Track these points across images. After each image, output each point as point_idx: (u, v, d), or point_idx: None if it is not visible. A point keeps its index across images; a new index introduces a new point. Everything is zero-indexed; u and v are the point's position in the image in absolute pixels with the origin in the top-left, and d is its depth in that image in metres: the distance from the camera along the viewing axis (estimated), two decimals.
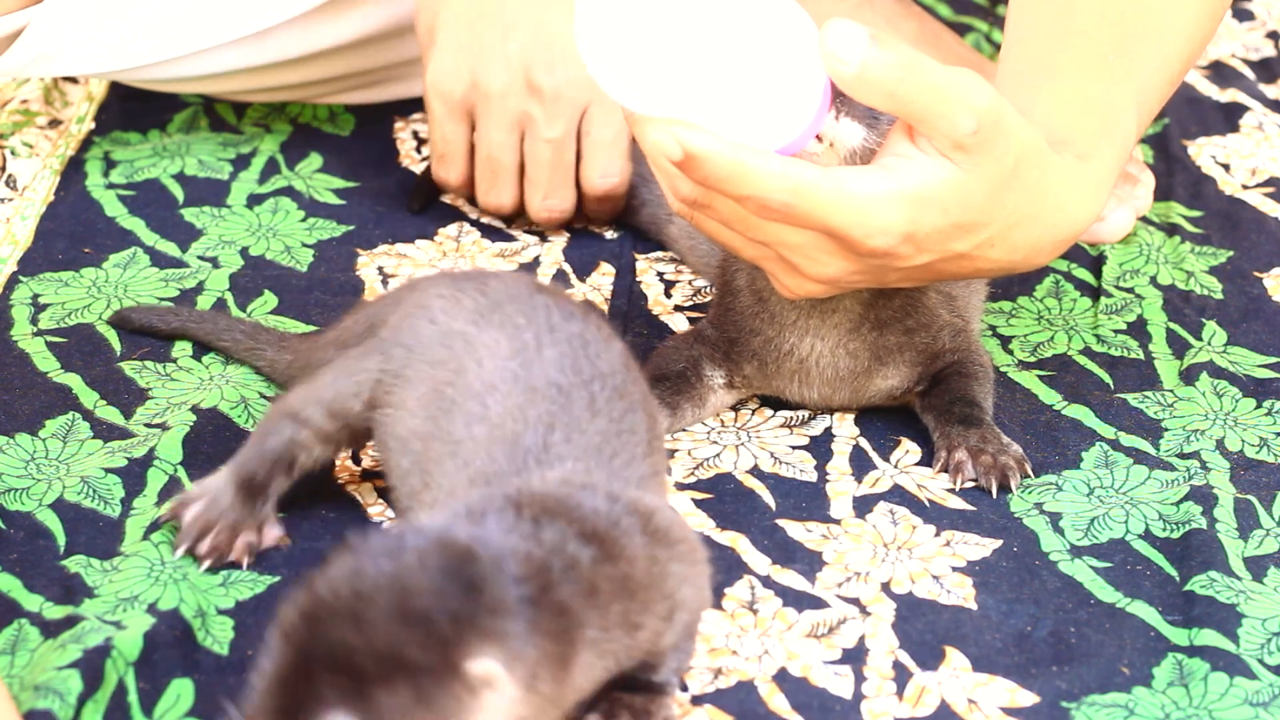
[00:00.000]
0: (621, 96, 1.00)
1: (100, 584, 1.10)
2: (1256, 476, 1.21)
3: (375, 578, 0.89)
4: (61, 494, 1.17)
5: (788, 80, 1.01)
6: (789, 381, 1.23)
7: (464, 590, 0.89)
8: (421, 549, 0.90)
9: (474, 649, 0.88)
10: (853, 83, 1.00)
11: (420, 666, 0.87)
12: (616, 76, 0.99)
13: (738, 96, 1.00)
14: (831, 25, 0.99)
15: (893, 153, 1.05)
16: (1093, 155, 1.12)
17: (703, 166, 1.00)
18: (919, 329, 1.22)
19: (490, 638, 0.89)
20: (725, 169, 1.00)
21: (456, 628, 0.88)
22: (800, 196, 1.02)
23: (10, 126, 1.57)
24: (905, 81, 1.00)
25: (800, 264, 1.08)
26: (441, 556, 0.90)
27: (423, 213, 1.48)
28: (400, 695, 0.87)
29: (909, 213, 1.04)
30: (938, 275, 1.11)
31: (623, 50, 0.99)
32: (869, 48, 0.99)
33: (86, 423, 1.23)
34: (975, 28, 1.77)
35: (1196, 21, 1.21)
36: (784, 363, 1.22)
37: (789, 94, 1.01)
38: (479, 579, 0.90)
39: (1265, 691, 1.05)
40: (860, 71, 0.99)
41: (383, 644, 0.87)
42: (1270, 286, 1.41)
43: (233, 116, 1.59)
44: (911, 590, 1.12)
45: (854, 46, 0.99)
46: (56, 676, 1.02)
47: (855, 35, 0.99)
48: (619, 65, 0.99)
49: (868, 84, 1.00)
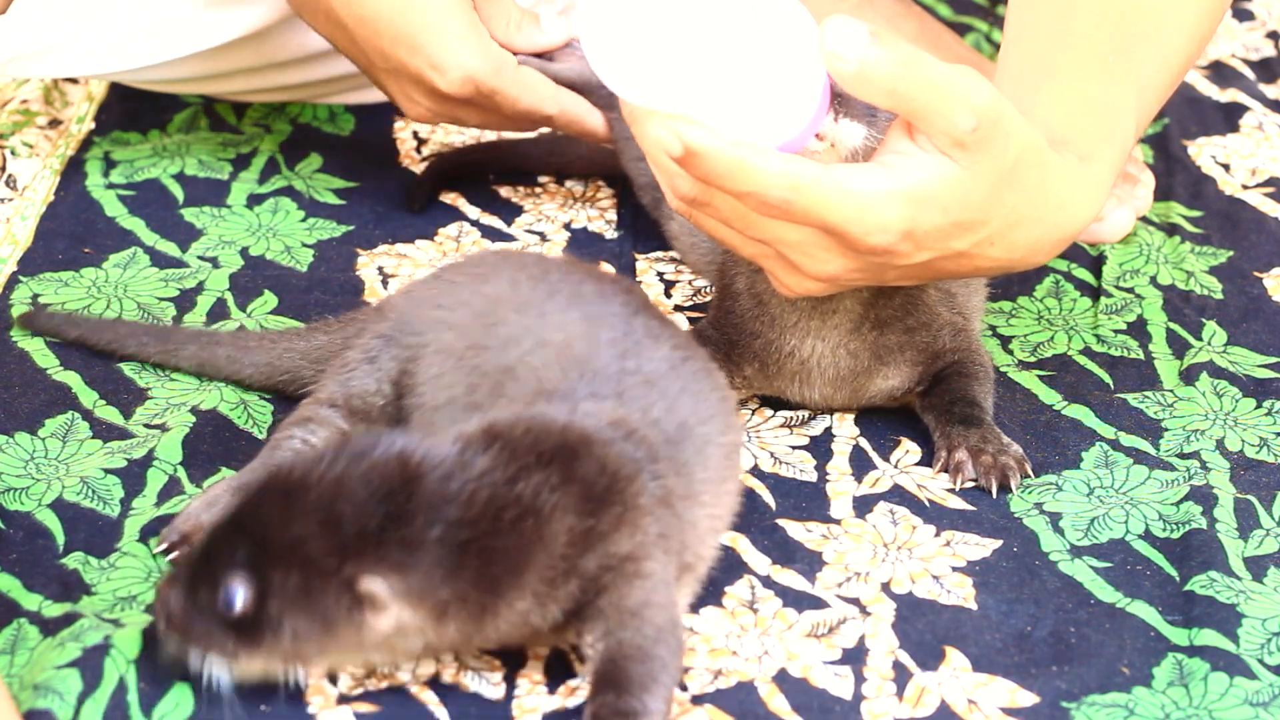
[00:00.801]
0: (624, 91, 1.00)
1: (98, 581, 1.10)
2: (1256, 476, 1.21)
3: (326, 472, 0.96)
4: (61, 494, 1.17)
5: (788, 78, 1.01)
6: (790, 383, 1.23)
7: (387, 516, 0.95)
8: (379, 463, 0.96)
9: (370, 568, 0.95)
10: (853, 80, 1.00)
11: (317, 565, 0.95)
12: (618, 72, 1.00)
13: (738, 94, 1.00)
14: (831, 22, 0.99)
15: (892, 150, 1.05)
16: (1093, 155, 1.12)
17: (703, 163, 1.00)
18: (919, 328, 1.22)
19: (391, 566, 0.95)
20: (725, 165, 1.00)
21: (361, 544, 0.95)
22: (800, 193, 1.01)
23: (10, 126, 1.57)
24: (905, 79, 1.00)
25: (799, 262, 1.08)
26: (388, 477, 0.96)
27: (423, 213, 1.48)
28: (292, 582, 0.95)
29: (908, 210, 1.04)
30: (937, 273, 1.11)
31: (625, 47, 0.99)
32: (869, 45, 0.99)
33: (86, 422, 1.23)
34: (975, 28, 1.77)
35: (1197, 21, 1.21)
36: (785, 364, 1.22)
37: (789, 92, 1.01)
38: (406, 512, 0.95)
39: (1265, 691, 1.05)
40: (860, 69, 0.99)
41: (297, 532, 0.95)
42: (1270, 286, 1.41)
43: (233, 116, 1.59)
44: (911, 590, 1.12)
45: (854, 44, 0.99)
46: (56, 676, 1.02)
47: (855, 32, 0.99)
48: (621, 61, 0.99)
49: (868, 81, 1.00)
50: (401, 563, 0.95)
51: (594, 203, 1.50)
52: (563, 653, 1.06)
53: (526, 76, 1.40)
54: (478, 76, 1.37)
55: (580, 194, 1.51)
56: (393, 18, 1.36)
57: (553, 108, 1.42)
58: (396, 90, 1.41)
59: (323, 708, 1.02)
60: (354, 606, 0.95)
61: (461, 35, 1.37)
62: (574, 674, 1.05)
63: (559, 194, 1.51)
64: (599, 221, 1.47)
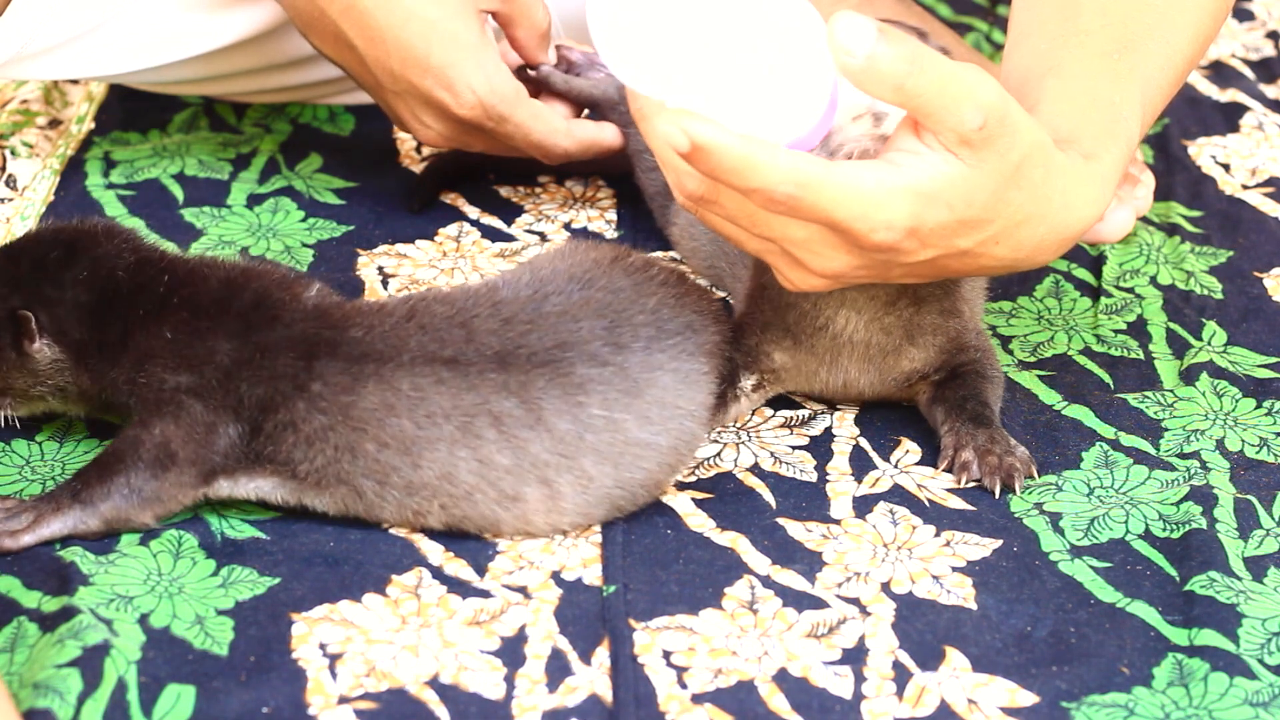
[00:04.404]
0: (633, 83, 1.00)
1: (95, 573, 1.10)
2: (1256, 476, 1.21)
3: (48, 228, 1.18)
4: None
5: (798, 77, 1.01)
6: (820, 363, 1.23)
7: (53, 262, 1.15)
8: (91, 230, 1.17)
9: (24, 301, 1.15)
10: (860, 75, 1.00)
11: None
12: (629, 65, 1.00)
13: (748, 91, 1.00)
14: (839, 17, 0.99)
15: (898, 148, 1.05)
16: (1098, 154, 1.12)
17: (710, 158, 1.00)
18: (954, 313, 1.22)
19: (40, 301, 1.15)
20: (732, 161, 1.00)
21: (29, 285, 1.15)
22: (806, 190, 1.02)
23: (10, 126, 1.57)
24: (913, 75, 1.00)
25: (805, 258, 1.08)
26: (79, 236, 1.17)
27: (423, 213, 1.48)
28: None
29: (914, 208, 1.04)
30: (942, 271, 1.11)
31: (636, 41, 0.99)
32: (877, 40, 0.99)
33: (84, 422, 1.23)
34: (975, 28, 1.77)
35: (1200, 20, 1.21)
36: (817, 340, 1.22)
37: (799, 90, 1.01)
38: (68, 261, 1.15)
39: (1265, 691, 1.05)
40: (868, 64, 0.99)
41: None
42: (1270, 286, 1.41)
43: (233, 116, 1.59)
44: (911, 590, 1.12)
45: (862, 39, 0.99)
46: (56, 675, 1.02)
47: (863, 28, 0.99)
48: (631, 55, 1.00)
49: (875, 76, 1.00)
50: (47, 299, 1.14)
51: (594, 203, 1.50)
52: (563, 652, 1.06)
53: (539, 108, 1.40)
54: (489, 101, 1.37)
55: (580, 194, 1.51)
56: (404, 38, 1.36)
57: (567, 142, 1.42)
58: (405, 112, 1.40)
59: (323, 708, 1.02)
60: (15, 336, 1.14)
61: (476, 59, 1.37)
62: (573, 673, 1.05)
63: (559, 194, 1.51)
64: (599, 221, 1.47)
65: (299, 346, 1.12)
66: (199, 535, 1.14)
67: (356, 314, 1.15)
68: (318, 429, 1.11)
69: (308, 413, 1.11)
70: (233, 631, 1.07)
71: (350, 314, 1.15)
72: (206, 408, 1.12)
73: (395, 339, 1.13)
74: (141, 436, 1.12)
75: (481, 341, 1.13)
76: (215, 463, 1.12)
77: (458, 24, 1.36)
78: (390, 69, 1.37)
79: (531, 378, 1.12)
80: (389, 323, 1.14)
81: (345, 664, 1.05)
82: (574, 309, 1.15)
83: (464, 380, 1.11)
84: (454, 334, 1.13)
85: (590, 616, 1.09)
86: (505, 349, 1.12)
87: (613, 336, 1.14)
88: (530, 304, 1.15)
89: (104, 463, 1.12)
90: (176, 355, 1.13)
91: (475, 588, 1.11)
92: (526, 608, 1.09)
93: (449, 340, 1.13)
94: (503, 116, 1.39)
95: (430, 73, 1.37)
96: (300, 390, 1.11)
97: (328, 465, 1.11)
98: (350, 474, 1.11)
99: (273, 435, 1.12)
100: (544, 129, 1.41)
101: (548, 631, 1.08)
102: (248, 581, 1.10)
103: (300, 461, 1.12)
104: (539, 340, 1.13)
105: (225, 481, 1.13)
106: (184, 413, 1.12)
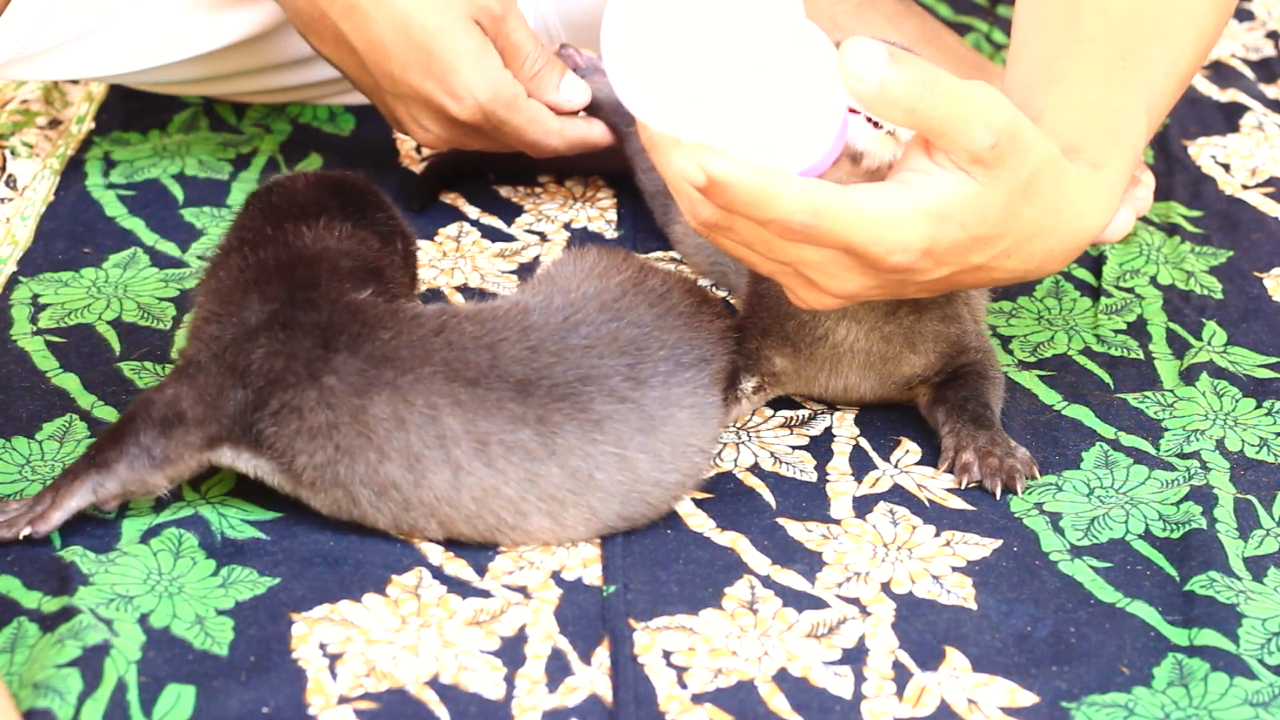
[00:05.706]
0: (648, 118, 1.00)
1: (95, 573, 1.10)
2: (1256, 476, 1.21)
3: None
4: None
5: (809, 104, 1.01)
6: (820, 370, 1.23)
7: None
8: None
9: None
10: (872, 100, 1.00)
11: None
12: (642, 99, 1.00)
13: (760, 121, 1.01)
14: (850, 44, 0.99)
15: (910, 168, 1.05)
16: (1104, 162, 1.12)
17: (726, 192, 1.01)
18: (955, 319, 1.22)
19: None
20: (748, 194, 1.01)
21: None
22: (821, 217, 1.02)
23: (10, 126, 1.57)
24: (924, 97, 1.01)
25: (820, 280, 1.09)
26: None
27: (423, 212, 1.48)
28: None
29: (928, 229, 1.04)
30: (955, 286, 1.11)
31: (647, 72, 1.00)
32: (888, 65, 0.99)
33: (84, 423, 1.23)
34: (975, 28, 1.77)
35: (1202, 24, 1.21)
36: (817, 349, 1.22)
37: (811, 118, 1.02)
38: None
39: (1265, 691, 1.05)
40: (880, 89, 1.00)
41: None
42: (1270, 286, 1.41)
43: (233, 116, 1.59)
44: (911, 590, 1.12)
45: (873, 64, 0.99)
46: (56, 675, 1.02)
47: (874, 53, 0.99)
48: (644, 87, 1.00)
49: (887, 101, 1.00)
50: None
51: (594, 202, 1.50)
52: (563, 652, 1.06)
53: (535, 109, 1.41)
54: (489, 105, 1.38)
55: (580, 194, 1.51)
56: (404, 42, 1.36)
57: (557, 142, 1.42)
58: (404, 114, 1.40)
59: (323, 708, 1.02)
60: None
61: (475, 63, 1.37)
62: (573, 674, 1.05)
63: (559, 194, 1.51)
64: (599, 221, 1.47)
65: (323, 333, 1.11)
66: (199, 535, 1.14)
67: (391, 317, 1.13)
68: (322, 425, 1.10)
69: (316, 405, 1.10)
70: (233, 631, 1.07)
71: (384, 316, 1.13)
72: (220, 368, 1.11)
73: (421, 351, 1.11)
74: (153, 397, 1.12)
75: (505, 369, 1.11)
76: (223, 425, 1.11)
77: (458, 29, 1.36)
78: (390, 72, 1.37)
79: (549, 411, 1.10)
80: (418, 334, 1.12)
81: (345, 664, 1.05)
82: (600, 344, 1.13)
83: (481, 406, 1.10)
84: (479, 356, 1.11)
85: (590, 616, 1.09)
86: (528, 378, 1.11)
87: (633, 373, 1.13)
88: (559, 333, 1.13)
89: (117, 427, 1.12)
90: (218, 302, 1.14)
91: (475, 588, 1.11)
92: (526, 608, 1.09)
93: (473, 362, 1.11)
94: (502, 120, 1.39)
95: (431, 76, 1.37)
96: (313, 379, 1.10)
97: (326, 465, 1.11)
98: (348, 479, 1.11)
99: (278, 415, 1.11)
100: (539, 130, 1.41)
101: (548, 631, 1.08)
102: (248, 581, 1.10)
103: (300, 453, 1.11)
104: (562, 373, 1.12)
105: (229, 450, 1.12)
106: (201, 373, 1.12)
